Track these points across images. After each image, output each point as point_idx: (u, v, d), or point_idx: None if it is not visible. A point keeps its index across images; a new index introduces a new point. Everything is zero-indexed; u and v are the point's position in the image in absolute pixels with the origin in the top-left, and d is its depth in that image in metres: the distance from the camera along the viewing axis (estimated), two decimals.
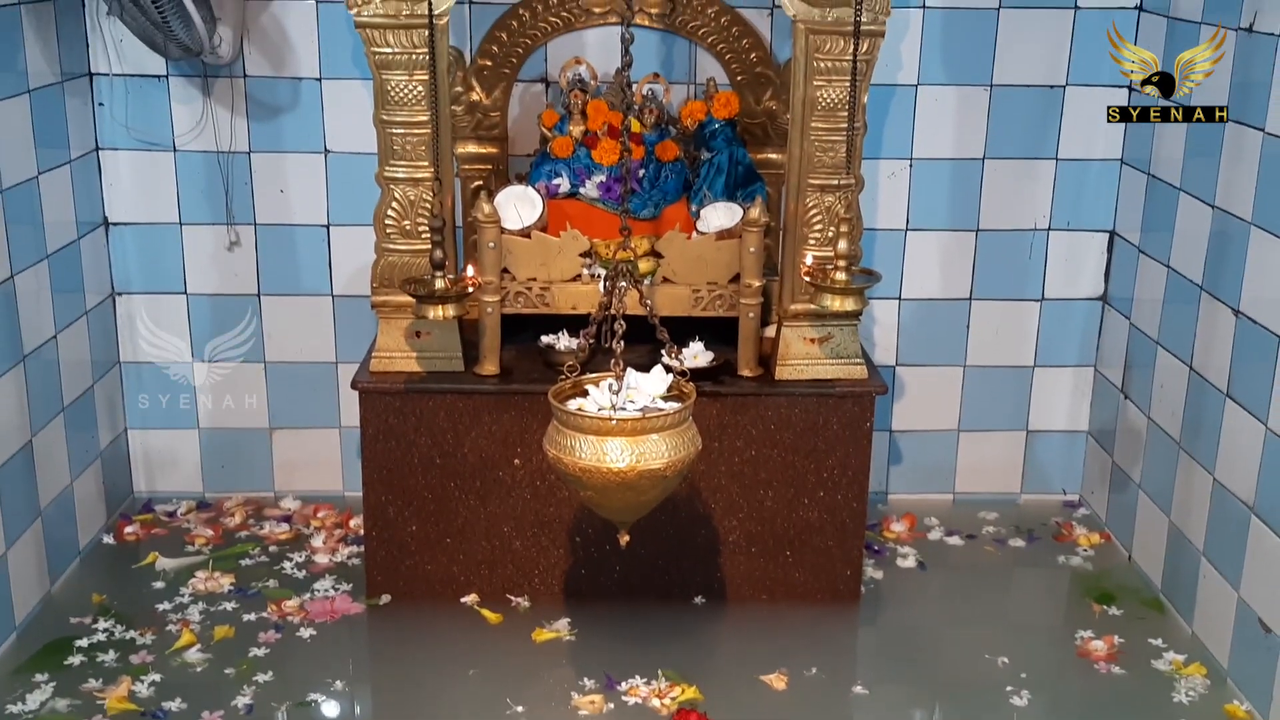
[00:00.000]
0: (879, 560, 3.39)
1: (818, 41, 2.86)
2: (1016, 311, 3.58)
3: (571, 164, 3.13)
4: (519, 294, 3.04)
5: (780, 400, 3.04)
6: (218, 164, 3.38)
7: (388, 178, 2.95)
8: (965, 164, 3.46)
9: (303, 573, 3.25)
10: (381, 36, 2.85)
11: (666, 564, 3.13)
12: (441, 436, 3.03)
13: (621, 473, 2.23)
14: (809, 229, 2.98)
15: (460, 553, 3.11)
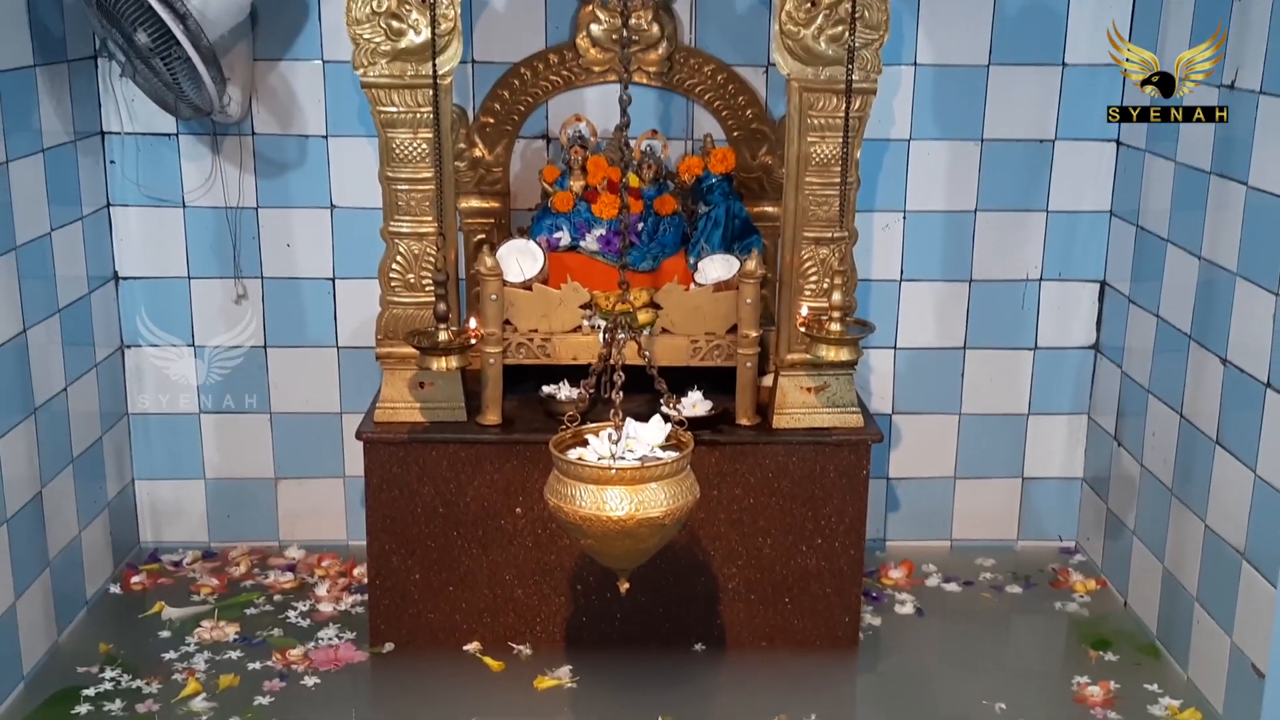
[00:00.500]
0: (877, 607, 3.42)
1: (811, 99, 2.94)
2: (1010, 360, 3.64)
3: (572, 218, 3.20)
4: (521, 345, 3.10)
5: (778, 449, 3.09)
6: (226, 219, 3.46)
7: (392, 232, 3.03)
8: (958, 216, 3.53)
9: (307, 621, 3.28)
10: (386, 96, 2.93)
11: (667, 611, 3.17)
12: (444, 485, 3.08)
13: (621, 521, 2.27)
14: (804, 281, 3.05)
15: (463, 601, 3.15)
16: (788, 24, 2.91)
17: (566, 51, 3.37)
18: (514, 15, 3.37)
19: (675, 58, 3.38)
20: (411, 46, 2.89)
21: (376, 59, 2.91)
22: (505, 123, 3.41)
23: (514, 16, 3.37)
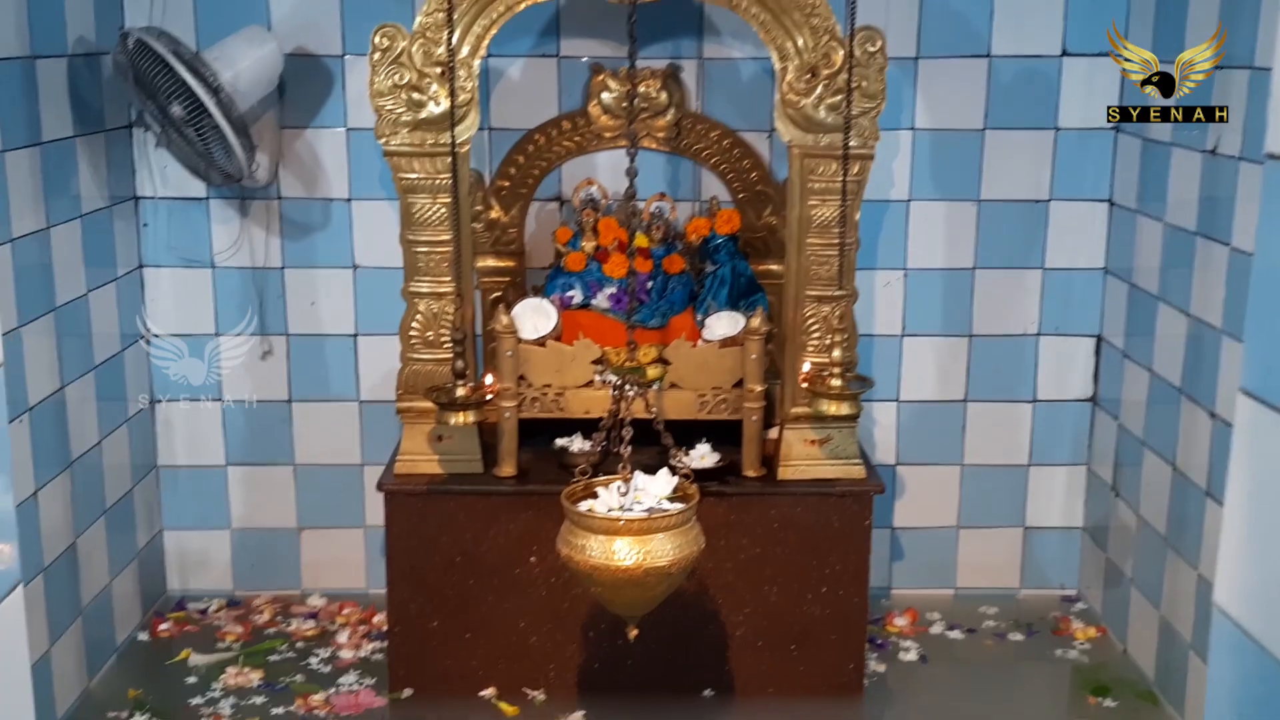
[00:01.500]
0: (882, 654, 3.51)
1: (811, 165, 3.08)
2: (1010, 412, 3.75)
3: (584, 277, 3.33)
4: (535, 399, 3.23)
5: (783, 499, 3.20)
6: (253, 279, 3.61)
7: (412, 292, 3.16)
8: (956, 274, 3.66)
9: (328, 668, 3.39)
10: (408, 163, 3.08)
11: (677, 658, 3.27)
12: (461, 535, 3.20)
13: (629, 570, 2.38)
14: (807, 337, 3.17)
15: (479, 647, 3.26)
16: (789, 94, 3.05)
17: (578, 118, 3.52)
18: (528, 84, 3.53)
19: (683, 124, 3.53)
20: (431, 117, 3.04)
21: (398, 128, 3.06)
22: (520, 186, 3.56)
23: (528, 85, 3.53)
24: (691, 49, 3.53)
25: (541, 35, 3.51)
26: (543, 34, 3.51)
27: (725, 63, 3.54)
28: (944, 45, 3.51)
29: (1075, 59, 3.50)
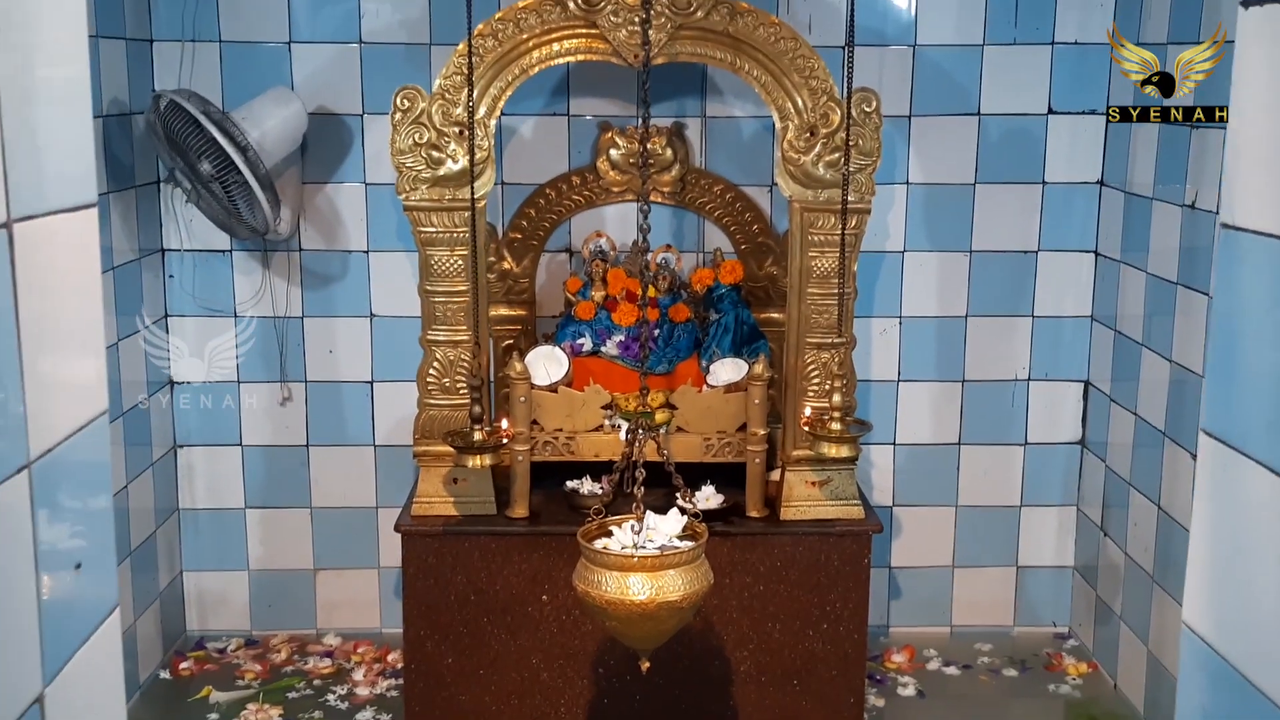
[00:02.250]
0: (881, 689, 3.63)
1: (810, 218, 3.24)
2: (1002, 455, 3.89)
3: (594, 325, 3.48)
4: (547, 443, 3.36)
5: (785, 539, 3.33)
6: (274, 328, 3.75)
7: (430, 341, 3.30)
8: (950, 321, 3.81)
9: (345, 704, 3.50)
10: (426, 218, 3.23)
11: (683, 693, 3.38)
12: (476, 575, 3.32)
13: (643, 604, 2.50)
14: (807, 383, 3.31)
15: (492, 683, 3.37)
16: (789, 151, 3.21)
17: (588, 173, 3.68)
18: (540, 141, 3.70)
19: (687, 178, 3.69)
20: (450, 174, 3.19)
21: (418, 185, 3.21)
22: (532, 238, 3.71)
23: (540, 142, 3.70)
24: (695, 108, 3.70)
25: (553, 95, 3.67)
26: (554, 94, 3.67)
27: (727, 121, 3.71)
28: (936, 104, 3.68)
29: (1060, 117, 3.68)
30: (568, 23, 3.17)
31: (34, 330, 1.04)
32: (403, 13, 3.60)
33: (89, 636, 1.18)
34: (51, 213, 1.08)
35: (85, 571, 1.16)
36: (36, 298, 1.05)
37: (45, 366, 1.07)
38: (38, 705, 1.07)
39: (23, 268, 1.02)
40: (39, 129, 1.06)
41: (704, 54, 3.21)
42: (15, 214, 1.01)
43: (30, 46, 1.04)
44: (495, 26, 3.15)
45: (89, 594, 1.18)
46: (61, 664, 1.11)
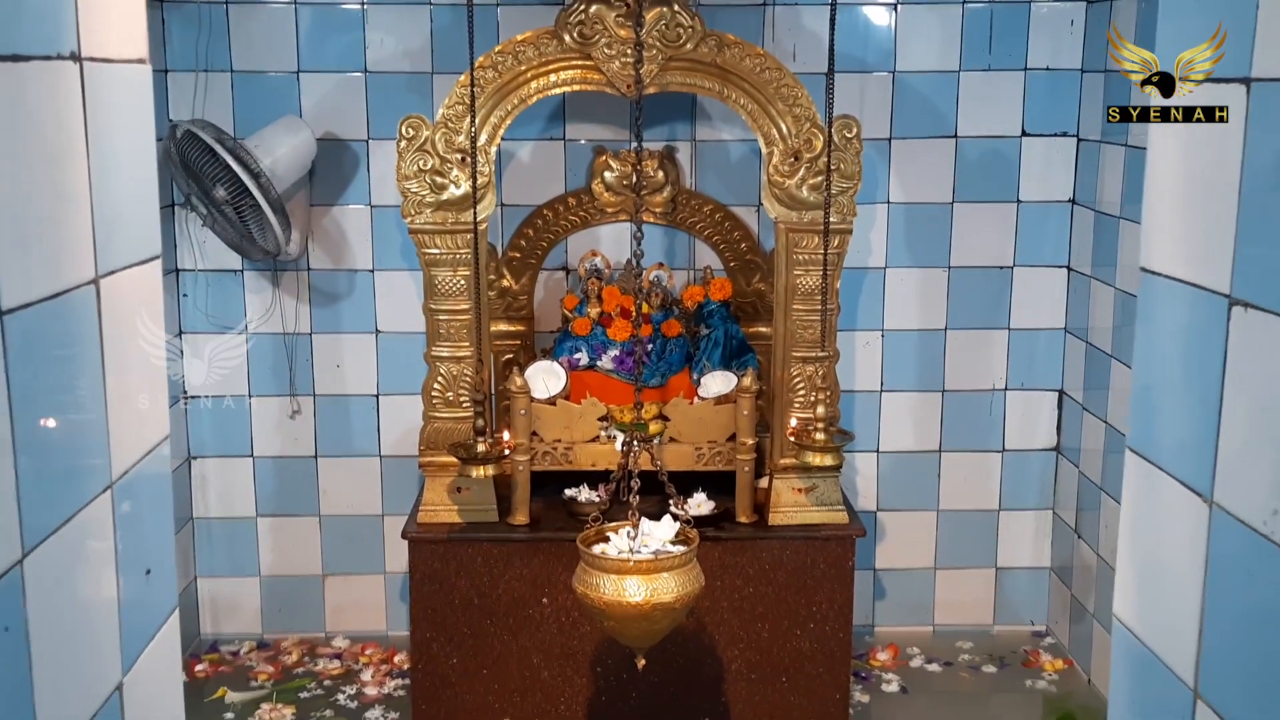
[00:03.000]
0: (866, 686, 3.80)
1: (795, 238, 3.41)
2: (981, 461, 4.06)
3: (590, 341, 3.65)
4: (546, 453, 3.53)
5: (773, 543, 3.50)
6: (283, 344, 3.92)
7: (434, 356, 3.47)
8: (930, 334, 3.99)
9: (354, 703, 3.66)
10: (431, 240, 3.40)
11: (677, 691, 3.55)
12: (479, 579, 3.48)
13: (639, 605, 2.67)
14: (793, 394, 3.48)
15: (495, 682, 3.53)
16: (774, 175, 3.39)
17: (583, 195, 3.86)
18: (537, 165, 3.87)
19: (678, 199, 3.87)
20: (453, 198, 3.36)
21: (422, 209, 3.38)
22: (530, 257, 3.88)
23: (537, 166, 3.87)
24: (686, 132, 3.88)
25: (549, 120, 3.85)
26: (550, 119, 3.85)
27: (716, 144, 3.89)
28: (915, 127, 3.86)
29: (1034, 139, 3.86)
30: (564, 55, 3.34)
31: (115, 367, 1.22)
32: (405, 43, 3.78)
33: (155, 633, 1.35)
34: (128, 266, 1.25)
35: (153, 577, 1.33)
36: (116, 340, 1.22)
37: (123, 399, 1.24)
38: (118, 692, 1.24)
39: (107, 316, 1.19)
40: (119, 196, 1.23)
41: (693, 84, 3.38)
42: (102, 270, 1.18)
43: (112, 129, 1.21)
44: (495, 59, 3.32)
45: (156, 596, 1.35)
46: (135, 657, 1.28)
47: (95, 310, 1.16)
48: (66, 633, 1.12)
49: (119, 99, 1.22)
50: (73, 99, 1.11)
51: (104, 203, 1.18)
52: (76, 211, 1.13)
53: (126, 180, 1.25)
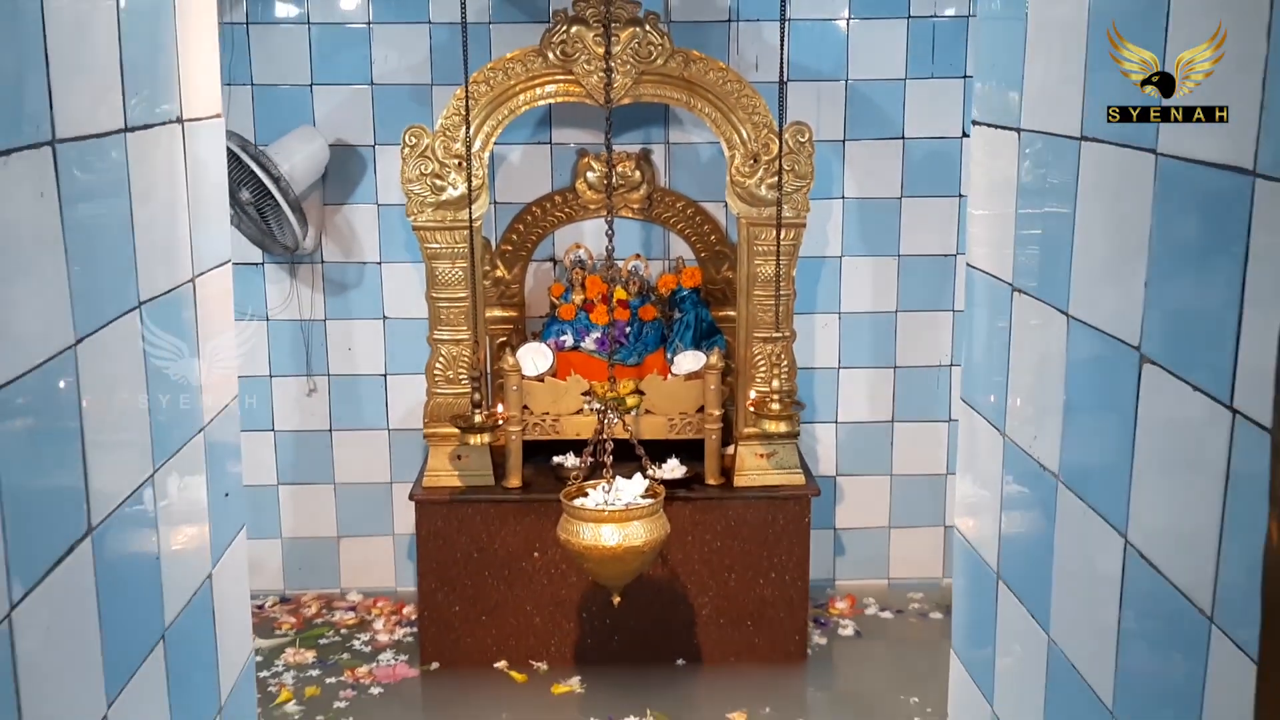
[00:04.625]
0: (824, 630, 4.25)
1: (755, 231, 3.85)
2: (930, 430, 4.50)
3: (574, 324, 4.09)
4: (535, 424, 3.97)
5: (738, 503, 3.95)
6: (300, 329, 4.36)
7: (436, 340, 3.91)
8: (882, 316, 4.43)
9: (369, 648, 4.12)
10: (431, 236, 3.84)
11: (654, 633, 4.00)
12: (478, 536, 3.93)
13: (612, 549, 3.12)
14: (755, 371, 3.93)
15: (493, 627, 3.99)
16: (737, 175, 3.83)
17: (568, 193, 4.29)
18: (526, 166, 4.31)
19: (654, 196, 4.30)
20: (451, 199, 3.80)
21: (424, 208, 3.82)
22: (520, 249, 4.32)
23: (526, 167, 4.31)
24: (660, 136, 4.31)
25: (537, 126, 4.28)
26: (538, 125, 4.28)
27: (688, 146, 4.32)
28: (866, 130, 4.29)
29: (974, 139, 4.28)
30: (548, 70, 3.78)
31: (206, 340, 1.66)
32: (407, 59, 4.21)
33: (231, 541, 1.80)
34: (212, 268, 1.70)
35: (229, 499, 1.78)
36: (206, 320, 1.66)
37: (210, 366, 1.68)
38: (209, 580, 1.68)
39: (200, 303, 1.64)
40: (207, 218, 1.67)
41: (663, 95, 3.82)
42: (197, 271, 1.62)
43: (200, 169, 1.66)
44: (488, 74, 3.76)
45: (231, 514, 1.80)
46: (219, 557, 1.73)
47: (193, 298, 1.61)
48: (179, 533, 1.56)
49: (205, 146, 1.66)
50: (178, 151, 1.55)
51: (198, 225, 1.62)
52: (181, 230, 1.57)
53: (211, 207, 1.69)
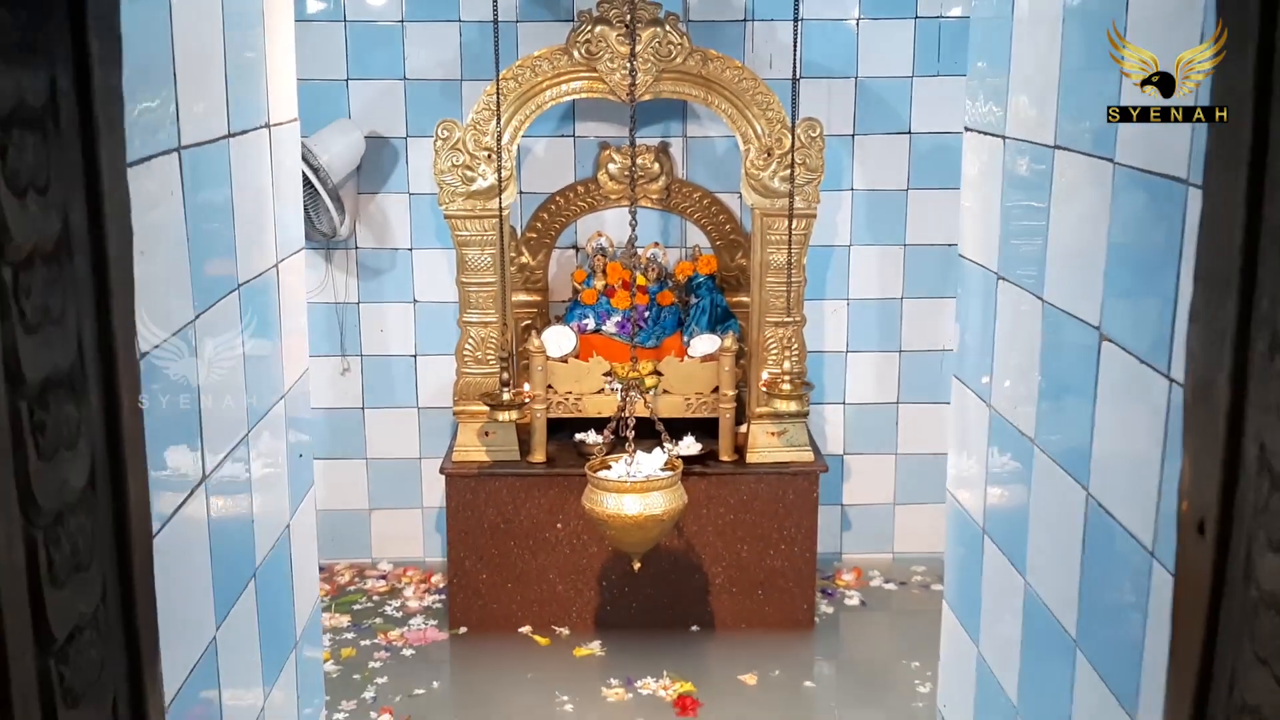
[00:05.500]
0: (831, 600, 4.48)
1: (768, 222, 4.07)
2: (934, 411, 4.72)
3: (596, 309, 4.32)
4: (559, 403, 4.20)
5: (750, 478, 4.17)
6: (335, 312, 4.59)
7: (466, 322, 4.14)
8: (888, 302, 4.64)
9: (400, 613, 4.36)
10: (462, 224, 4.06)
11: (670, 601, 4.23)
12: (504, 508, 4.17)
13: (634, 517, 3.35)
14: (767, 353, 4.15)
15: (518, 594, 4.22)
16: (751, 169, 4.04)
17: (590, 184, 4.51)
18: (550, 158, 4.53)
19: (672, 187, 4.52)
20: (480, 189, 4.03)
21: (455, 198, 4.04)
22: (545, 237, 4.55)
23: (550, 158, 4.53)
24: (678, 129, 4.53)
25: (561, 120, 4.50)
26: (562, 119, 4.50)
27: (704, 140, 4.53)
28: (875, 125, 4.50)
29: None
30: (573, 68, 3.99)
31: (286, 325, 1.89)
32: (438, 56, 4.42)
33: (304, 497, 2.03)
34: (290, 255, 1.92)
35: (302, 459, 2.01)
36: (286, 306, 1.89)
37: (288, 344, 1.91)
38: (286, 530, 1.92)
39: (283, 290, 1.86)
40: (285, 211, 1.90)
41: (682, 91, 4.04)
42: (280, 256, 1.85)
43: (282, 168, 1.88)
44: (516, 71, 3.97)
45: (304, 472, 2.03)
46: (295, 510, 1.96)
47: (276, 281, 1.83)
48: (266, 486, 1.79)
49: (285, 147, 1.88)
50: (265, 152, 1.77)
51: (280, 217, 1.85)
52: (268, 221, 1.80)
53: (289, 200, 1.91)
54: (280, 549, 1.87)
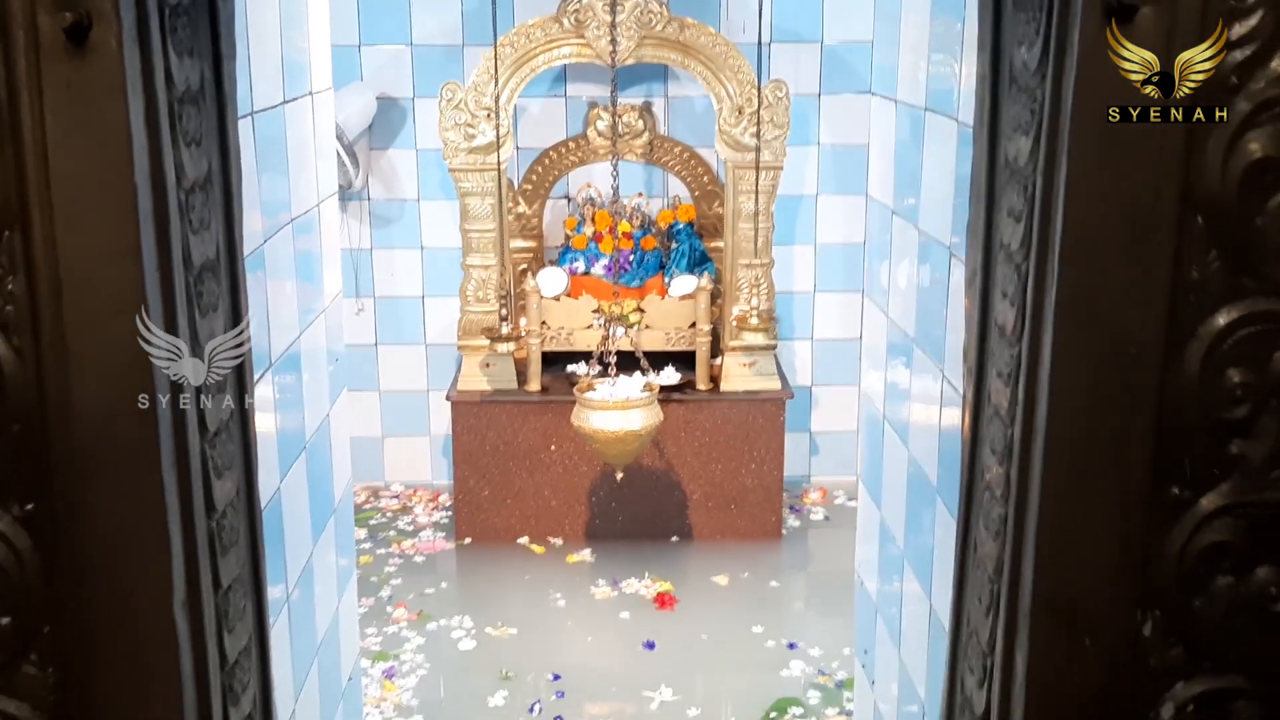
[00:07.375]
0: (798, 515, 4.98)
1: (740, 174, 4.52)
2: None
3: (586, 253, 4.78)
4: (552, 337, 4.68)
5: (724, 404, 4.66)
6: (350, 258, 5.06)
7: (469, 265, 4.61)
8: (852, 247, 5.10)
9: (411, 527, 4.86)
10: (465, 177, 4.52)
11: (652, 514, 4.73)
12: (504, 431, 4.65)
13: (615, 432, 3.83)
14: (738, 292, 4.62)
15: (516, 509, 4.72)
16: (724, 126, 4.49)
17: (580, 140, 4.96)
18: (544, 116, 4.98)
19: (654, 142, 4.97)
20: (481, 145, 4.48)
21: (458, 152, 4.50)
22: (539, 188, 5.00)
23: (544, 116, 4.98)
24: (660, 90, 4.97)
25: (554, 82, 4.95)
26: (554, 81, 4.95)
27: (684, 99, 4.98)
28: (839, 84, 4.94)
29: None
30: (564, 35, 4.43)
31: (328, 256, 2.36)
32: (442, 22, 4.86)
33: (339, 395, 2.51)
34: (328, 197, 2.39)
35: (338, 365, 2.49)
36: (325, 239, 2.36)
37: (326, 270, 2.39)
38: (328, 419, 2.40)
39: (323, 226, 2.34)
40: (323, 153, 2.37)
41: (662, 56, 4.48)
42: (320, 198, 2.32)
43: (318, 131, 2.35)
44: (513, 38, 4.42)
45: (338, 375, 2.51)
46: (333, 402, 2.45)
47: (318, 218, 2.31)
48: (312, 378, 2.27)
49: (321, 111, 2.35)
50: (308, 115, 2.24)
51: (320, 167, 2.32)
52: (310, 170, 2.27)
53: (325, 153, 2.38)
54: (322, 433, 2.35)
